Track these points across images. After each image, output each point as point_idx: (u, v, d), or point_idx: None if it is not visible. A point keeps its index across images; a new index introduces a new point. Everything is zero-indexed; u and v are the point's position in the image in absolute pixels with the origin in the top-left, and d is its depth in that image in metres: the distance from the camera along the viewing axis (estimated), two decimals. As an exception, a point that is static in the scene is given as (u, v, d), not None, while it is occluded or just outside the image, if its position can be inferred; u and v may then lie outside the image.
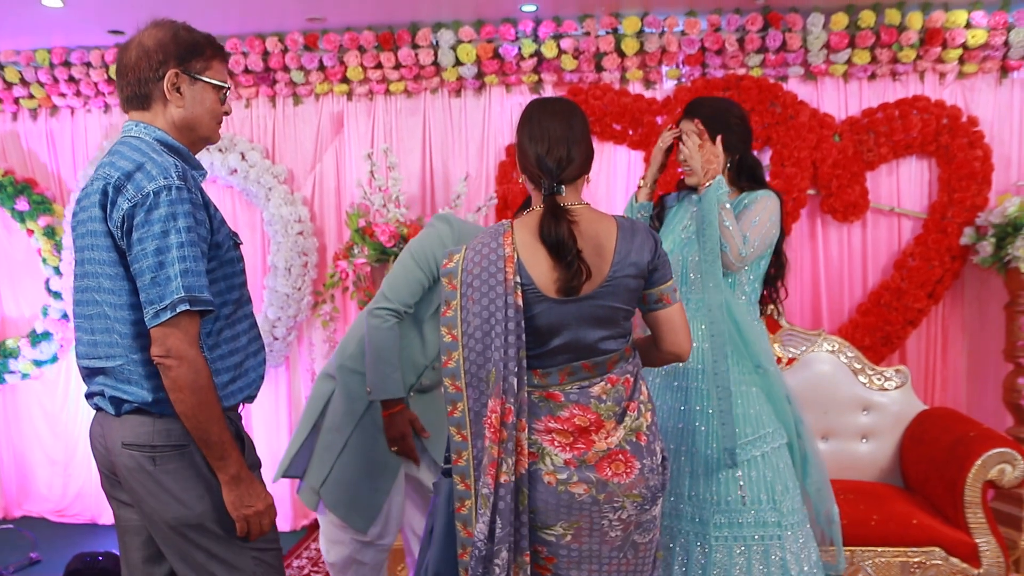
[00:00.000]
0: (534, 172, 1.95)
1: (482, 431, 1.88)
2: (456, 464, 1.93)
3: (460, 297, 1.92)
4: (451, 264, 1.95)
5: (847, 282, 4.16)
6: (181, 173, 1.77)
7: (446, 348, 1.92)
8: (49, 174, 4.70)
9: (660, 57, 4.05)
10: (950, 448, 3.28)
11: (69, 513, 4.77)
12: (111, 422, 1.85)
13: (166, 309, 1.71)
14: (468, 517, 1.92)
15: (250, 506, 1.85)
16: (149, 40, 1.85)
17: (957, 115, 3.91)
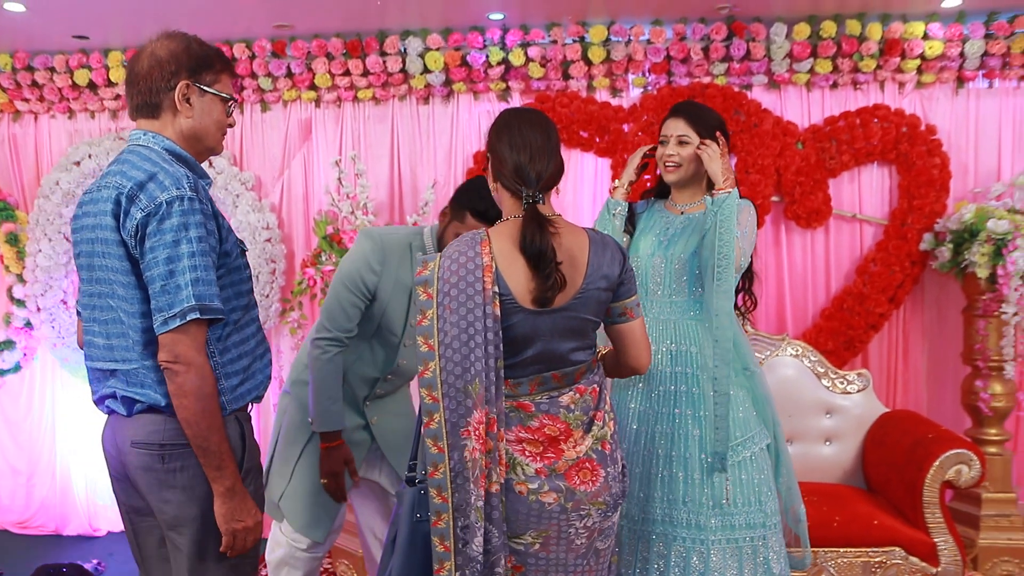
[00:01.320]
0: (513, 181, 1.95)
1: (459, 443, 1.85)
2: (432, 477, 1.87)
3: (436, 306, 1.88)
4: (426, 272, 1.92)
5: (811, 287, 4.23)
6: (192, 184, 1.81)
7: (422, 358, 1.88)
8: (12, 180, 4.64)
9: (626, 65, 4.10)
10: (909, 450, 3.35)
11: (32, 524, 4.70)
12: (122, 422, 1.89)
13: (175, 316, 1.74)
14: (445, 531, 1.87)
15: (240, 520, 1.88)
16: (162, 50, 1.88)
17: (916, 124, 4.00)
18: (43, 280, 4.45)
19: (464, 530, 1.85)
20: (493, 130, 2.02)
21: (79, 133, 4.56)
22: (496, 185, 2.01)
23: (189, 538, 1.88)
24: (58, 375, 4.65)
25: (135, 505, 1.97)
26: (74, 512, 4.66)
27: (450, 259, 1.90)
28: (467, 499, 1.85)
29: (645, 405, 2.56)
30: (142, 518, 1.98)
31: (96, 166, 4.37)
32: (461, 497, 1.85)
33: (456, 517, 1.86)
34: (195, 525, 1.87)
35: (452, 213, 2.49)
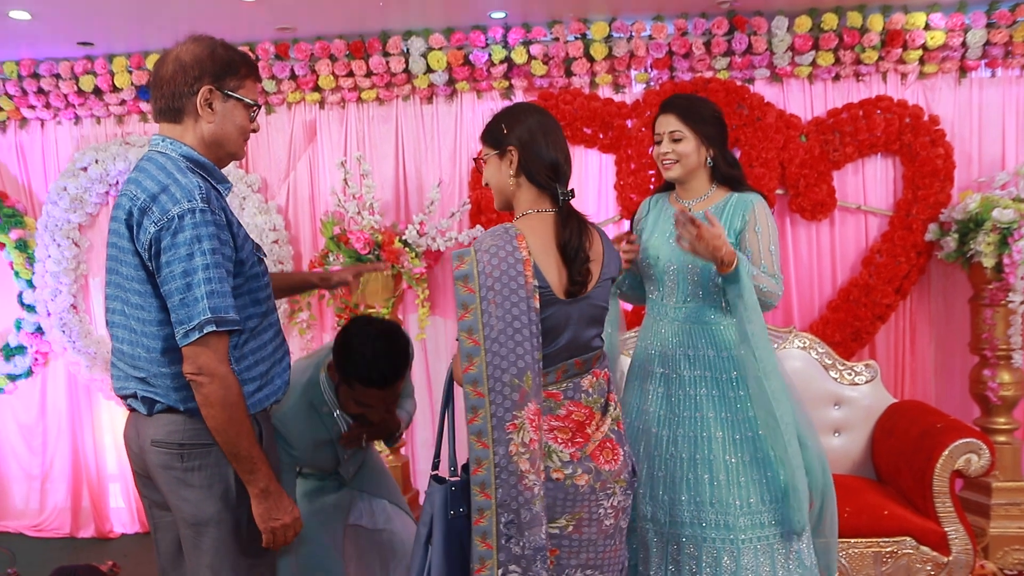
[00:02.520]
0: (547, 178, 2.01)
1: (504, 437, 1.86)
2: (475, 474, 1.87)
3: (480, 301, 1.89)
4: (464, 267, 1.91)
5: (817, 280, 4.23)
6: (205, 195, 1.81)
7: (467, 353, 1.88)
8: (20, 187, 4.67)
9: (628, 61, 4.11)
10: (918, 440, 3.35)
11: (47, 528, 4.74)
12: (143, 421, 1.93)
13: (194, 330, 1.77)
14: (488, 528, 1.87)
15: (277, 519, 1.92)
16: (186, 55, 1.89)
17: (919, 114, 4.00)
18: (52, 285, 4.47)
19: (508, 526, 1.86)
20: (520, 125, 2.03)
21: (85, 139, 4.58)
22: (519, 179, 2.04)
23: (208, 538, 1.90)
24: (69, 379, 4.67)
25: (157, 500, 2.01)
26: (88, 515, 4.69)
27: (488, 253, 1.90)
28: (512, 495, 1.86)
29: (665, 409, 2.53)
30: (163, 513, 2.01)
31: (103, 171, 4.39)
32: (505, 493, 1.86)
33: (500, 514, 1.87)
34: (213, 524, 1.90)
35: (340, 375, 2.44)
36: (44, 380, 4.76)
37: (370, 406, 2.45)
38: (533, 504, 1.87)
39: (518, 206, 2.08)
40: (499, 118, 2.09)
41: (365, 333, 2.37)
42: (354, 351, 2.35)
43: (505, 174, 2.05)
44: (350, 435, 2.53)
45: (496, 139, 2.07)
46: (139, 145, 4.40)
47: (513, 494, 1.86)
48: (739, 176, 2.62)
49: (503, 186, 2.07)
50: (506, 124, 2.05)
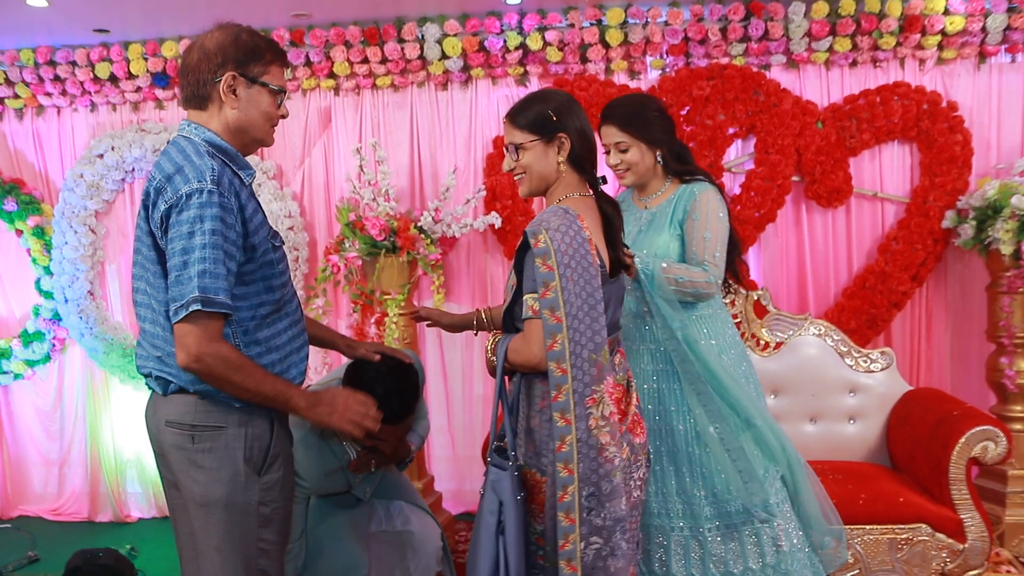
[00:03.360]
0: (590, 163, 2.10)
1: (584, 412, 1.93)
2: (560, 451, 1.92)
3: (559, 278, 1.92)
4: (542, 244, 1.94)
5: (832, 267, 4.22)
6: (216, 177, 1.82)
7: (550, 331, 1.92)
8: (37, 174, 4.70)
9: (644, 48, 4.09)
10: (934, 427, 3.34)
11: (65, 512, 4.79)
12: (159, 401, 1.97)
13: (182, 307, 1.78)
14: (571, 503, 1.92)
15: (333, 412, 1.98)
16: (210, 43, 1.91)
17: (937, 100, 3.97)
18: (70, 272, 4.50)
19: (589, 499, 1.93)
20: (570, 114, 2.09)
21: (101, 126, 4.60)
22: (566, 165, 2.09)
23: (217, 520, 1.92)
24: (87, 365, 4.71)
25: (172, 480, 2.03)
26: (105, 499, 4.74)
27: (560, 232, 1.95)
28: (593, 467, 1.93)
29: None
30: (178, 494, 2.03)
31: (119, 158, 4.41)
32: (586, 466, 1.92)
33: (582, 487, 1.92)
34: (222, 506, 1.91)
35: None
36: (61, 366, 4.80)
37: (382, 440, 2.47)
38: (613, 476, 1.95)
39: (557, 191, 2.13)
40: (543, 105, 2.11)
41: (375, 371, 2.38)
42: (365, 387, 2.30)
43: (552, 160, 2.10)
44: (359, 462, 2.56)
45: (544, 126, 2.08)
46: (155, 132, 4.42)
47: (594, 467, 1.93)
48: (689, 169, 2.68)
49: (547, 172, 2.11)
50: (554, 111, 2.08)
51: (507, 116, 2.18)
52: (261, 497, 1.96)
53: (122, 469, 4.74)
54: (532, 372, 2.04)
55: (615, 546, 1.97)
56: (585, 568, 1.94)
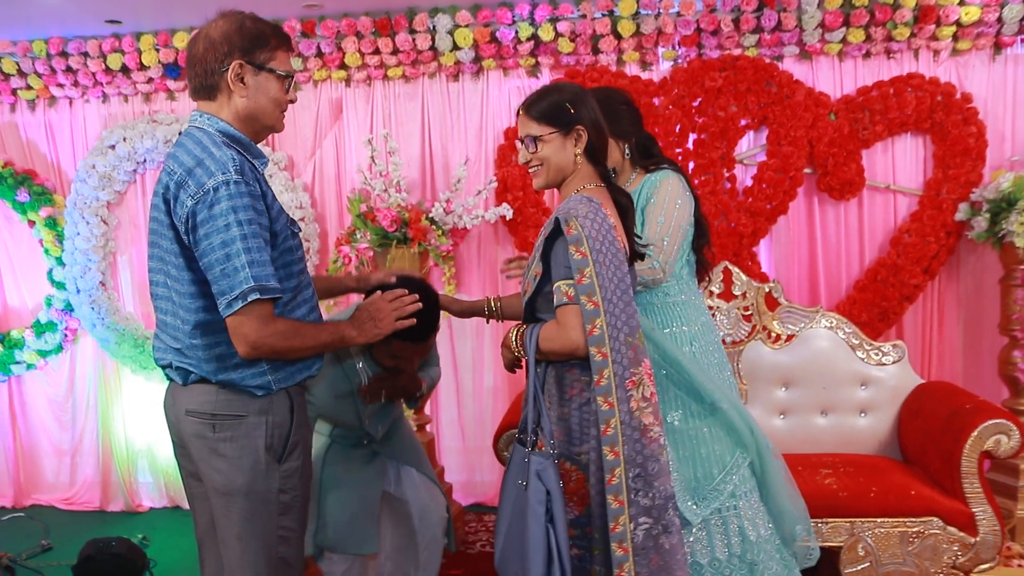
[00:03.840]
0: (603, 155, 2.14)
1: (625, 395, 1.97)
2: (605, 434, 1.96)
3: (593, 264, 1.96)
4: (574, 231, 1.97)
5: (844, 259, 4.21)
6: (239, 167, 1.83)
7: (589, 316, 1.96)
8: (49, 165, 4.71)
9: (656, 39, 4.07)
10: (947, 420, 3.33)
11: (77, 501, 4.83)
12: (179, 391, 1.97)
13: (237, 299, 1.80)
14: (619, 486, 1.97)
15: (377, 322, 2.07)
16: (215, 32, 1.91)
17: (951, 92, 3.95)
18: (82, 262, 4.52)
19: (636, 480, 1.97)
20: (587, 107, 2.12)
21: (113, 117, 4.61)
22: (582, 157, 2.12)
23: (237, 508, 1.93)
24: (99, 355, 4.73)
25: (191, 470, 2.04)
26: (117, 489, 4.77)
27: (588, 219, 1.98)
28: (638, 448, 1.97)
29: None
30: (198, 483, 2.05)
31: (130, 149, 4.42)
32: (631, 448, 1.96)
33: (628, 469, 1.96)
34: (243, 495, 1.92)
35: None
36: (73, 356, 4.82)
37: (405, 359, 2.52)
38: (660, 456, 2.00)
39: (572, 183, 2.15)
40: (559, 97, 2.12)
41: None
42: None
43: (570, 152, 2.12)
44: (369, 389, 2.57)
45: (562, 119, 2.10)
46: (166, 123, 4.43)
47: (638, 448, 1.98)
48: (655, 161, 2.70)
49: (565, 164, 2.13)
50: (571, 104, 2.10)
51: (523, 108, 2.17)
52: (281, 485, 1.97)
53: (133, 459, 4.76)
54: (566, 360, 2.06)
55: (668, 523, 2.02)
56: (636, 548, 1.98)
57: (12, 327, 4.79)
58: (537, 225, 4.10)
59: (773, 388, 3.75)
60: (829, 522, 3.21)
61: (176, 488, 4.72)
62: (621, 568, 1.97)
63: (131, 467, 4.76)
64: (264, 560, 1.95)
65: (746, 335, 3.74)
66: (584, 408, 2.04)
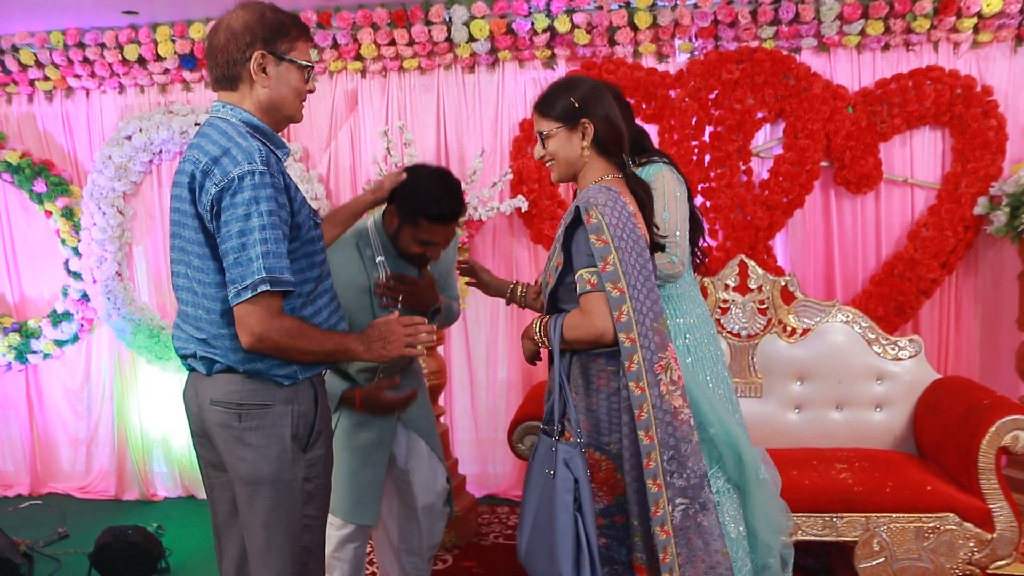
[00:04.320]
0: (618, 148, 2.13)
1: (655, 379, 1.99)
2: (640, 419, 1.97)
3: (615, 251, 1.97)
4: (594, 220, 1.99)
5: (860, 253, 4.18)
6: (264, 158, 1.83)
7: (615, 303, 1.97)
8: (66, 155, 4.74)
9: (673, 30, 4.05)
10: (964, 416, 3.31)
11: (93, 490, 4.87)
12: (203, 381, 1.97)
13: (247, 288, 1.79)
14: (656, 469, 1.98)
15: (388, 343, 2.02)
16: (236, 22, 1.90)
17: (971, 85, 3.91)
18: (98, 253, 4.54)
19: (670, 462, 1.99)
20: (593, 99, 2.11)
21: (129, 108, 4.63)
22: (590, 151, 2.13)
23: (263, 497, 1.94)
24: (114, 345, 4.76)
25: (213, 460, 2.05)
26: (132, 478, 4.80)
27: (607, 207, 2.00)
28: (670, 431, 1.99)
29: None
30: (218, 473, 2.05)
31: (147, 140, 4.44)
32: (663, 431, 1.99)
33: (662, 452, 1.99)
34: (268, 484, 1.93)
35: (403, 216, 2.47)
36: (89, 346, 4.85)
37: (432, 243, 2.52)
38: (691, 437, 2.02)
39: (586, 176, 2.16)
40: (564, 92, 2.14)
41: (430, 175, 2.49)
42: (422, 190, 2.45)
43: (576, 146, 2.13)
44: (387, 287, 2.56)
45: (566, 113, 2.12)
46: (182, 114, 4.44)
47: (670, 431, 2.00)
48: (646, 155, 2.69)
49: (573, 158, 2.15)
50: (576, 98, 2.11)
51: (535, 106, 2.20)
52: (306, 473, 1.98)
53: (148, 448, 4.79)
54: (591, 348, 2.06)
55: (705, 501, 2.04)
56: (676, 530, 2.00)
57: (29, 316, 4.82)
58: (552, 217, 4.10)
59: (788, 382, 3.74)
60: (844, 517, 3.21)
61: (191, 478, 4.76)
62: (665, 552, 1.99)
63: (146, 456, 4.79)
64: (289, 548, 1.96)
65: (761, 329, 3.73)
66: (612, 397, 2.05)
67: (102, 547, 3.55)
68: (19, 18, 4.27)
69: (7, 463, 5.02)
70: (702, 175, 4.08)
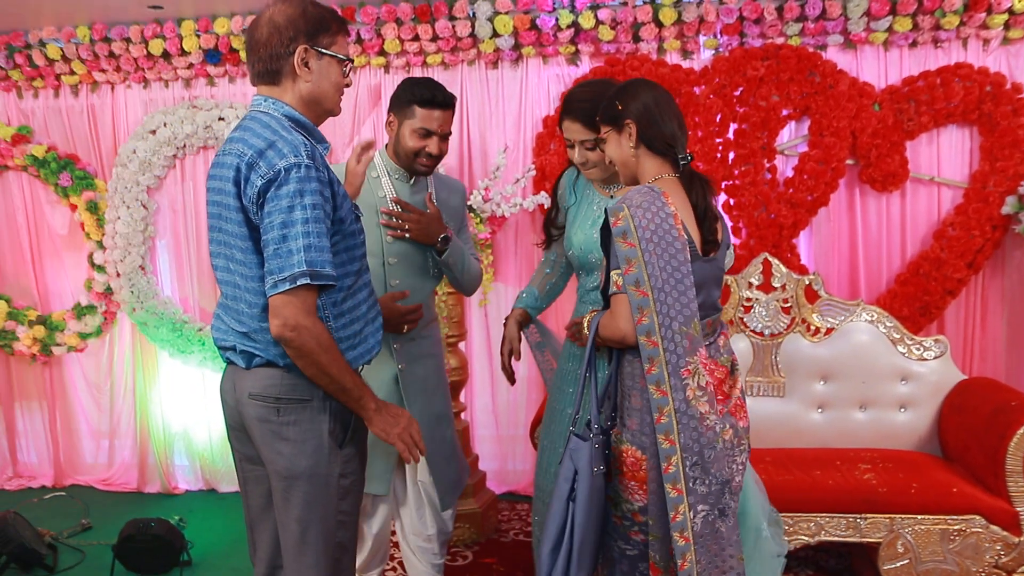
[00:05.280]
0: (667, 146, 2.11)
1: (681, 383, 1.97)
2: (659, 423, 1.97)
3: (641, 253, 1.97)
4: (621, 223, 1.99)
5: (885, 252, 4.14)
6: (310, 151, 1.84)
7: (638, 305, 1.98)
8: (91, 150, 4.76)
9: (698, 27, 4.03)
10: (991, 417, 3.28)
11: (115, 482, 4.90)
12: (241, 374, 1.97)
13: (285, 280, 1.79)
14: (676, 474, 1.97)
15: (396, 425, 1.99)
16: (280, 16, 1.91)
17: (1001, 82, 3.86)
18: (122, 246, 4.57)
19: (693, 468, 1.97)
20: (634, 100, 2.13)
21: (154, 102, 4.65)
22: (639, 150, 2.14)
23: (299, 492, 1.94)
24: (137, 339, 4.79)
25: (248, 454, 2.05)
26: (154, 471, 4.83)
27: (641, 208, 1.99)
28: (694, 437, 1.97)
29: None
30: (253, 467, 2.06)
31: (171, 134, 4.46)
32: (687, 436, 1.97)
33: (684, 457, 1.97)
34: (305, 479, 1.93)
35: (399, 115, 2.68)
36: (111, 339, 4.88)
37: (431, 132, 2.66)
38: (716, 443, 2.00)
39: (643, 176, 2.16)
40: (611, 97, 2.18)
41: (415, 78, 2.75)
42: (411, 83, 2.69)
43: (626, 147, 2.16)
44: (393, 214, 2.67)
45: (612, 116, 2.16)
46: (206, 108, 4.46)
47: (695, 436, 1.98)
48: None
49: (626, 159, 2.17)
50: (619, 100, 2.14)
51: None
52: (342, 469, 1.99)
53: (170, 442, 4.82)
54: (621, 347, 2.09)
55: (724, 507, 2.04)
56: (696, 536, 1.99)
57: (53, 309, 4.86)
58: (575, 214, 4.08)
59: (812, 382, 3.72)
60: (868, 518, 3.19)
61: (212, 471, 4.78)
62: (684, 558, 1.98)
63: (168, 449, 4.82)
64: (323, 544, 1.97)
65: (785, 328, 3.71)
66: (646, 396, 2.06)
67: (126, 539, 3.58)
68: (46, 13, 4.30)
69: (31, 455, 5.06)
70: (726, 172, 4.06)
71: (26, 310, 4.83)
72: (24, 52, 4.56)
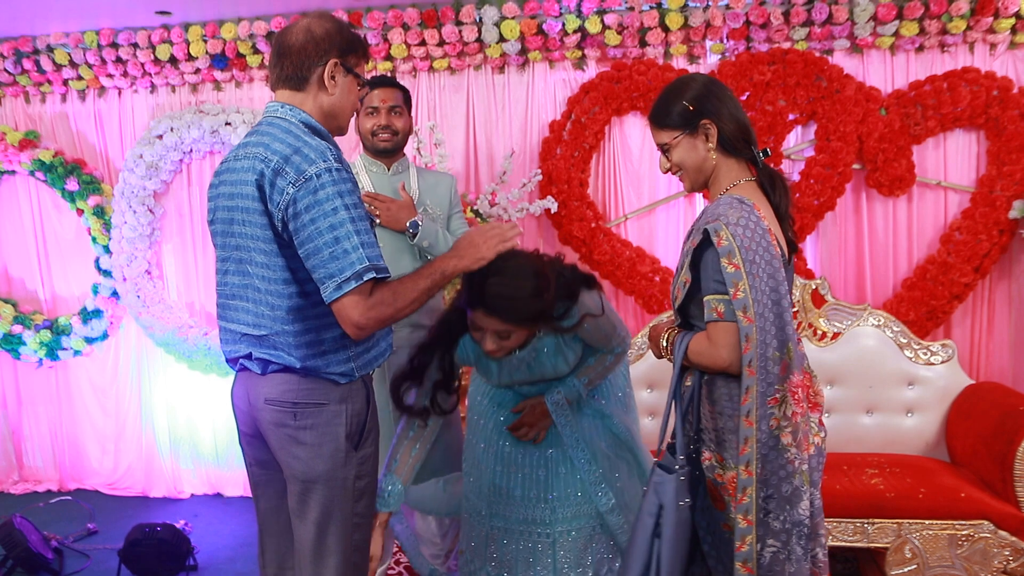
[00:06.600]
0: (745, 145, 2.01)
1: (766, 412, 1.87)
2: (743, 453, 1.88)
3: (746, 276, 1.85)
4: (725, 242, 1.86)
5: (892, 257, 4.14)
6: (336, 155, 1.86)
7: (745, 333, 1.85)
8: (98, 154, 4.78)
9: (704, 32, 4.03)
10: (999, 422, 3.27)
11: (120, 486, 4.90)
12: (256, 380, 1.98)
13: (350, 280, 1.80)
14: (749, 505, 1.89)
15: (478, 247, 2.00)
16: (318, 28, 1.95)
17: (1008, 86, 3.85)
18: (128, 251, 4.58)
19: (767, 500, 1.89)
20: (708, 98, 2.01)
21: (161, 107, 4.66)
22: (715, 154, 2.02)
23: (316, 496, 1.96)
24: (143, 343, 4.80)
25: (261, 458, 2.06)
26: (160, 476, 4.83)
27: (740, 226, 1.87)
28: (772, 468, 1.88)
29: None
30: (264, 471, 2.07)
31: (177, 139, 4.47)
32: (766, 469, 1.88)
33: (759, 489, 1.88)
34: (322, 482, 1.95)
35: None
36: (117, 343, 4.89)
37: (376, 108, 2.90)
38: (793, 478, 1.89)
39: (719, 181, 2.05)
40: (676, 96, 2.04)
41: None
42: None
43: (701, 151, 2.03)
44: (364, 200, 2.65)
45: (684, 118, 2.02)
46: (213, 113, 4.47)
47: (773, 468, 1.88)
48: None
49: (702, 164, 2.04)
50: (688, 100, 2.01)
51: (649, 118, 2.11)
52: (358, 471, 2.00)
53: (176, 446, 4.82)
54: (712, 372, 1.99)
55: (791, 551, 1.92)
56: (762, 570, 1.91)
57: (60, 314, 4.87)
58: (581, 218, 4.08)
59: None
60: (875, 522, 3.18)
61: (217, 475, 4.78)
62: None
63: (173, 454, 4.82)
64: (340, 546, 1.98)
65: (792, 332, 3.70)
66: (733, 422, 1.96)
67: (132, 543, 3.58)
68: (53, 18, 4.31)
69: (37, 459, 5.07)
70: (732, 177, 4.05)
71: (32, 314, 4.84)
72: (32, 57, 4.58)
